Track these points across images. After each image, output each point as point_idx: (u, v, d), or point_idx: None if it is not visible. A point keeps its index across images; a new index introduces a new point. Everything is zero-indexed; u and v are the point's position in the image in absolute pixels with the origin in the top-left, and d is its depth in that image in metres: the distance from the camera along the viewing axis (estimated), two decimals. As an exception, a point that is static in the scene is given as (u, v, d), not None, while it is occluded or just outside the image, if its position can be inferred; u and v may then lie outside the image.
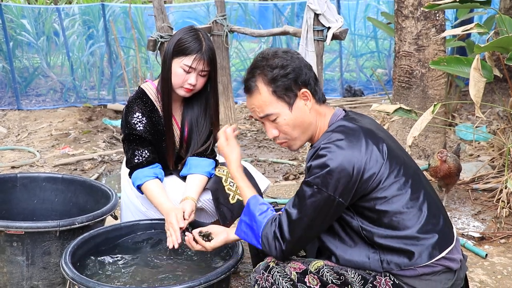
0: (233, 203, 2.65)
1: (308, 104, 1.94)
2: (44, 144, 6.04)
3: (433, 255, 1.82)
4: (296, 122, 1.96)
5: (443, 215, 1.92)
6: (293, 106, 1.94)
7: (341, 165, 1.78)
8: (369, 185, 1.82)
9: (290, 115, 1.94)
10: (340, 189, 1.79)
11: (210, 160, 2.73)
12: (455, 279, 1.88)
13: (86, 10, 8.57)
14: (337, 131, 1.89)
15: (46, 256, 2.54)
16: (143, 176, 2.59)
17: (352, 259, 1.88)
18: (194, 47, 2.53)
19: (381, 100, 7.78)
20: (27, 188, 3.07)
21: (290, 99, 1.93)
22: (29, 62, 8.73)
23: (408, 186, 1.86)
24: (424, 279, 1.83)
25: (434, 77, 4.61)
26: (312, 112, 1.96)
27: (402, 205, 1.83)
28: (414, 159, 4.78)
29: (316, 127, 1.98)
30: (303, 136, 1.99)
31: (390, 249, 1.83)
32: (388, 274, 1.84)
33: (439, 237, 1.84)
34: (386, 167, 1.83)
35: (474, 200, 4.06)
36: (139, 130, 2.60)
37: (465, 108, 6.80)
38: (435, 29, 4.55)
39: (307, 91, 1.93)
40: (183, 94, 2.60)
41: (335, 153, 1.80)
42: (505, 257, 3.22)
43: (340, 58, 8.87)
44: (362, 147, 1.82)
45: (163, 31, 5.19)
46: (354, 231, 1.88)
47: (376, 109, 3.84)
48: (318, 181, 1.81)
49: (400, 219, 1.83)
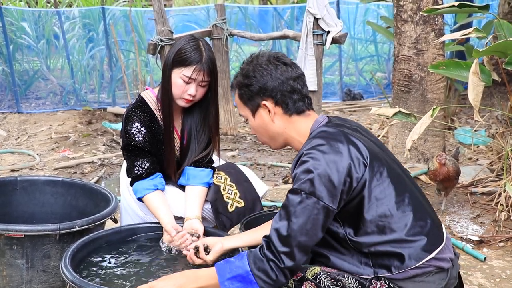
0: (231, 211, 2.65)
1: (271, 115, 1.99)
2: (44, 147, 6.05)
3: (422, 257, 1.82)
4: (260, 130, 2.04)
5: (430, 217, 1.92)
6: (256, 114, 2.02)
7: (324, 170, 1.79)
8: (353, 188, 1.82)
9: (253, 122, 2.04)
10: (326, 194, 1.79)
11: (208, 170, 2.72)
12: (448, 278, 1.88)
13: (87, 13, 8.59)
14: (318, 136, 1.90)
15: (45, 259, 2.54)
16: (143, 189, 2.59)
17: (344, 265, 1.88)
18: (194, 58, 2.49)
19: (381, 103, 7.80)
20: (27, 191, 3.08)
21: (253, 107, 2.01)
22: (29, 65, 8.74)
23: (392, 189, 1.86)
24: (417, 280, 1.83)
25: (433, 81, 4.63)
26: (278, 123, 1.99)
27: (388, 208, 1.83)
28: (413, 162, 4.79)
29: (289, 136, 2.01)
30: (273, 141, 2.06)
31: (380, 254, 1.83)
32: (382, 278, 1.85)
33: (427, 239, 1.84)
34: (369, 171, 1.83)
35: (473, 203, 4.07)
36: (137, 141, 2.59)
37: (464, 112, 6.82)
38: (434, 34, 4.56)
39: (268, 103, 1.97)
40: (182, 104, 2.58)
41: (318, 158, 1.81)
42: (504, 261, 3.22)
43: (339, 62, 8.89)
44: (344, 151, 1.83)
45: (163, 34, 5.20)
46: (343, 240, 1.88)
47: (376, 113, 3.85)
48: (305, 187, 1.80)
49: (386, 223, 1.83)
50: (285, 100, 1.97)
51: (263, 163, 5.33)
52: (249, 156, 5.63)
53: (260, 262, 1.83)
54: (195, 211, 2.58)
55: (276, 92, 1.96)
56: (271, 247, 1.83)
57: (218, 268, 1.90)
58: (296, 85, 1.99)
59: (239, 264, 1.86)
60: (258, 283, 1.83)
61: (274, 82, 1.96)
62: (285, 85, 1.97)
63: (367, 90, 8.77)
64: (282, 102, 1.97)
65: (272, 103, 1.98)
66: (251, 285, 1.84)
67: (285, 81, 1.97)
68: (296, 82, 1.99)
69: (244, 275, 1.84)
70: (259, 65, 1.98)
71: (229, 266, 1.88)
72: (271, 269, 1.82)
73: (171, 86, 2.55)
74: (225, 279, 1.86)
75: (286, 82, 1.97)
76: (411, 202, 1.88)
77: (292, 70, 2.00)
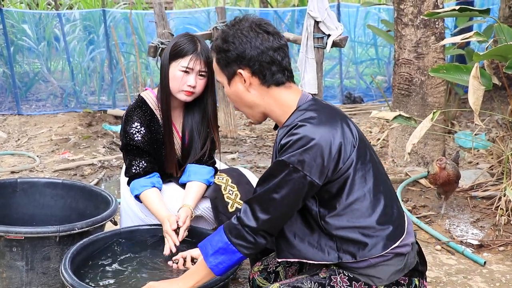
0: (232, 211, 2.65)
1: (246, 85, 1.89)
2: (44, 149, 6.05)
3: (387, 246, 1.82)
4: (235, 98, 1.94)
5: (396, 204, 1.92)
6: (231, 82, 1.91)
7: (318, 143, 1.73)
8: (339, 169, 1.78)
9: (229, 89, 1.94)
10: (315, 169, 1.74)
11: (209, 168, 2.73)
12: (406, 258, 1.88)
13: (87, 16, 8.60)
14: (311, 109, 1.83)
15: (45, 262, 2.54)
16: (140, 186, 2.60)
17: (308, 252, 1.85)
18: (189, 48, 2.55)
19: (381, 107, 7.80)
20: (27, 193, 3.08)
21: (229, 74, 1.90)
22: (29, 67, 8.75)
23: (371, 174, 1.83)
24: (377, 266, 1.83)
25: (434, 85, 4.63)
26: (254, 93, 1.90)
27: (365, 192, 1.81)
28: (413, 166, 4.80)
29: (267, 108, 1.91)
30: (251, 111, 1.95)
31: (347, 239, 1.81)
32: (342, 271, 1.84)
33: (393, 228, 1.84)
34: (356, 152, 1.80)
35: (473, 207, 4.07)
36: (137, 141, 2.60)
37: (464, 115, 6.82)
38: (434, 37, 4.56)
39: (244, 72, 1.87)
40: (184, 98, 2.60)
41: (312, 130, 1.74)
42: (504, 265, 3.22)
43: (340, 65, 8.89)
44: (338, 127, 1.78)
45: (163, 37, 5.20)
46: (313, 219, 1.85)
47: (376, 116, 3.85)
48: (294, 160, 1.73)
49: (360, 207, 1.81)
50: (262, 71, 1.87)
51: (263, 166, 5.32)
52: (249, 159, 5.62)
53: (235, 230, 1.83)
54: (189, 201, 2.60)
55: (254, 62, 1.85)
56: (247, 213, 1.82)
57: (200, 247, 1.92)
58: (276, 56, 1.87)
59: (218, 238, 1.87)
60: (240, 250, 1.84)
61: (253, 51, 1.85)
62: (264, 55, 1.86)
63: (368, 93, 8.78)
64: (260, 72, 1.87)
65: (249, 73, 1.87)
66: (234, 254, 1.85)
67: (264, 51, 1.85)
68: (277, 53, 1.87)
69: (224, 246, 1.85)
70: (240, 30, 1.87)
71: (209, 242, 1.89)
72: (247, 233, 1.82)
73: (169, 82, 2.58)
74: (209, 256, 1.88)
75: (265, 52, 1.85)
76: (384, 189, 1.87)
77: (274, 39, 1.87)
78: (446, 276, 3.09)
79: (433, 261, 3.26)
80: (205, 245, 1.90)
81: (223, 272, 1.90)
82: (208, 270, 1.90)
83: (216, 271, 1.89)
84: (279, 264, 2.17)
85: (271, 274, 2.16)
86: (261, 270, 2.18)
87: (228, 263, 1.87)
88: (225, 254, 1.86)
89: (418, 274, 1.92)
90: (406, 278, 1.88)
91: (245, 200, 1.86)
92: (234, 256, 1.85)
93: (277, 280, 2.12)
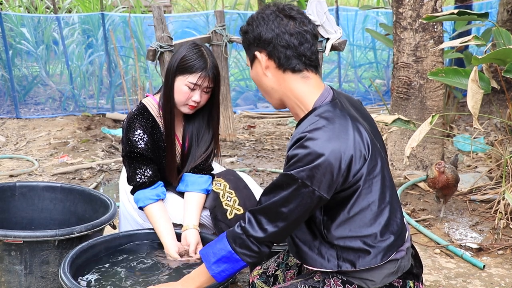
0: (230, 218, 2.64)
1: (263, 69, 1.87)
2: (43, 152, 6.04)
3: (386, 256, 1.82)
4: (256, 80, 1.94)
5: (400, 213, 1.90)
6: (253, 65, 1.92)
7: (328, 160, 1.68)
8: (348, 182, 1.75)
9: (251, 72, 1.95)
10: (324, 184, 1.71)
11: (207, 177, 2.72)
12: (399, 262, 1.87)
13: (86, 19, 8.59)
14: (325, 116, 1.78)
15: (44, 266, 2.54)
16: (145, 198, 2.58)
17: (308, 255, 1.85)
18: (199, 65, 2.50)
19: (380, 110, 7.80)
20: (25, 197, 3.07)
21: (250, 56, 1.92)
22: (28, 70, 8.74)
23: (380, 184, 1.81)
24: (370, 270, 1.83)
25: (432, 88, 4.63)
26: (271, 77, 1.87)
27: (369, 203, 1.79)
28: (412, 169, 4.80)
29: (284, 95, 1.88)
30: (269, 96, 1.93)
31: (348, 248, 1.81)
32: (335, 274, 1.84)
33: (394, 238, 1.83)
34: (367, 165, 1.77)
35: (472, 211, 4.07)
36: (140, 148, 2.57)
37: (463, 119, 6.83)
38: (433, 41, 4.57)
39: (260, 55, 1.86)
40: (186, 111, 2.59)
41: (322, 145, 1.69)
42: (503, 269, 3.22)
43: (338, 69, 8.90)
44: (349, 139, 1.73)
45: (162, 41, 5.21)
46: (316, 227, 1.84)
47: (375, 120, 3.85)
48: (303, 175, 1.69)
49: (363, 217, 1.79)
50: (277, 54, 1.83)
51: (262, 170, 5.32)
52: (248, 163, 5.62)
53: (240, 239, 1.83)
54: (193, 220, 2.59)
55: (269, 44, 1.83)
56: (253, 224, 1.80)
57: (202, 254, 1.91)
58: (293, 40, 1.82)
59: (220, 246, 1.86)
60: (243, 259, 1.84)
61: (268, 34, 1.83)
62: (279, 38, 1.82)
63: (366, 97, 8.78)
64: (275, 55, 1.84)
65: (266, 55, 1.85)
66: (238, 263, 1.85)
67: (280, 34, 1.82)
68: (294, 37, 1.82)
69: (228, 255, 1.85)
70: (262, 13, 1.87)
71: (211, 250, 1.89)
72: (252, 243, 1.81)
73: (173, 94, 2.55)
74: (211, 264, 1.87)
75: (281, 35, 1.82)
76: (390, 198, 1.84)
77: (294, 24, 1.83)
78: (445, 279, 3.09)
79: (432, 265, 3.26)
80: (207, 253, 1.90)
81: (225, 280, 1.91)
82: (209, 276, 1.89)
83: (218, 279, 1.89)
84: (278, 268, 2.17)
85: (270, 277, 2.16)
86: (260, 274, 2.18)
87: (230, 271, 1.87)
88: (228, 263, 1.86)
89: (412, 277, 1.92)
90: (400, 281, 1.88)
91: (250, 210, 1.85)
92: (237, 264, 1.85)
93: (275, 284, 2.12)
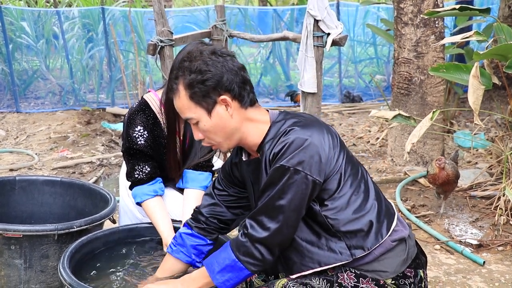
0: None
1: (230, 110, 1.85)
2: (43, 147, 6.04)
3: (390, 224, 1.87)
4: (217, 128, 1.86)
5: (383, 197, 1.96)
6: (212, 112, 1.83)
7: (312, 142, 1.75)
8: (334, 162, 1.81)
9: (209, 122, 1.85)
10: (314, 167, 1.75)
11: (207, 173, 2.71)
12: (407, 247, 1.90)
13: (86, 14, 8.57)
14: (289, 118, 1.86)
15: (44, 260, 2.54)
16: (142, 194, 2.58)
17: (320, 256, 1.85)
18: None
19: (380, 106, 7.79)
20: (25, 191, 3.07)
21: (209, 105, 1.82)
22: (28, 64, 8.73)
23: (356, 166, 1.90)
24: (382, 259, 1.84)
25: (433, 84, 4.63)
26: (235, 117, 1.86)
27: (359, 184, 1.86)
28: (412, 165, 4.80)
29: (245, 131, 1.89)
30: (228, 140, 1.89)
31: (354, 232, 1.82)
32: (348, 268, 1.84)
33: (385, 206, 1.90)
34: (341, 151, 1.85)
35: (472, 207, 4.07)
36: (140, 144, 2.57)
37: (464, 115, 6.82)
38: (434, 36, 4.56)
39: (227, 98, 1.83)
40: None
41: (303, 132, 1.76)
42: (503, 265, 3.22)
43: (339, 64, 8.89)
44: (322, 127, 1.83)
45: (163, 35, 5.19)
46: (319, 224, 1.85)
47: (375, 115, 3.85)
48: (293, 162, 1.73)
49: (357, 197, 1.84)
50: (241, 93, 1.84)
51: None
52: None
53: (243, 247, 1.81)
54: None
55: (233, 85, 1.82)
56: (255, 227, 1.80)
57: (206, 264, 1.89)
58: (246, 75, 1.87)
59: (224, 255, 1.85)
60: (247, 267, 1.82)
61: (229, 74, 1.82)
62: (238, 76, 1.84)
63: (366, 92, 8.77)
64: (239, 95, 1.84)
65: (230, 97, 1.83)
66: (242, 271, 1.83)
67: (238, 72, 1.83)
68: (244, 72, 1.86)
69: (231, 264, 1.83)
70: (208, 58, 1.82)
71: (216, 259, 1.87)
72: (255, 249, 1.80)
73: None
74: (215, 273, 1.86)
75: (238, 73, 1.83)
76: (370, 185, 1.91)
77: (235, 60, 1.86)
78: (445, 275, 3.09)
79: (432, 261, 3.26)
80: (211, 263, 1.88)
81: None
82: (209, 279, 1.88)
83: None
84: None
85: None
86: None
87: (235, 280, 1.85)
88: (232, 272, 1.84)
89: (422, 265, 1.95)
90: (412, 270, 1.89)
91: (248, 216, 1.84)
92: (242, 273, 1.84)
93: None
